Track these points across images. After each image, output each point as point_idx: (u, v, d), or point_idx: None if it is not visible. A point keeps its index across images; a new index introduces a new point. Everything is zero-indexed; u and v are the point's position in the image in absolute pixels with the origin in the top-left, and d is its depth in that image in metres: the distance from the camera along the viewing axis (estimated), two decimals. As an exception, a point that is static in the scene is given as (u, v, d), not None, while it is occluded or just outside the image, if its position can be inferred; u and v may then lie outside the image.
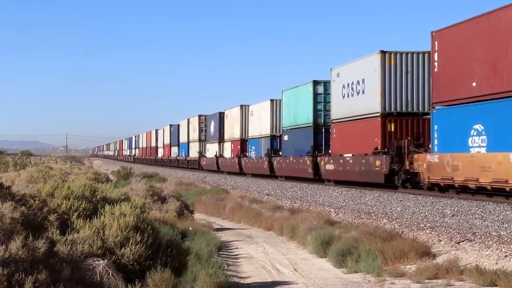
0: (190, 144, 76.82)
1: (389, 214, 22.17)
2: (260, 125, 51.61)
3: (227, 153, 60.67)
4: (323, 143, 39.30)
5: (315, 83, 40.16)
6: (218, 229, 23.41)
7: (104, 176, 40.04)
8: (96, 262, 9.55)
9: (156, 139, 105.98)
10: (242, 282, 13.72)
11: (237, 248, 19.19)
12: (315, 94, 40.00)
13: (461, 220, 19.06)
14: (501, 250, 14.15)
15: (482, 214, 19.73)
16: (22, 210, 9.31)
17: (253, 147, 53.63)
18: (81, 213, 11.01)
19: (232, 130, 59.25)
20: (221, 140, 63.76)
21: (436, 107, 26.41)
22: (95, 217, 10.72)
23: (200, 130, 72.02)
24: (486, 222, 18.17)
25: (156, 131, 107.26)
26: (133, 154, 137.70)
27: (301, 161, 40.75)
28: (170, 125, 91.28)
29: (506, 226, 17.21)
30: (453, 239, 16.18)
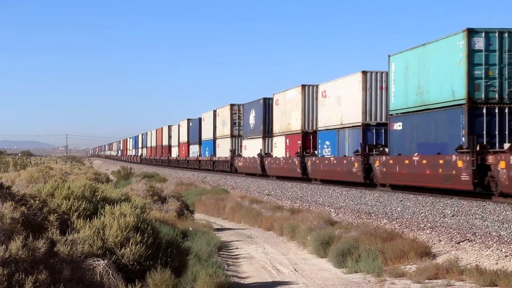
0: (217, 141, 63.51)
1: (389, 214, 22.17)
2: (340, 111, 36.42)
3: (279, 151, 46.27)
4: (494, 132, 24.67)
5: (471, 32, 24.91)
6: (218, 229, 23.41)
7: (104, 176, 40.02)
8: (96, 262, 9.55)
9: (169, 137, 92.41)
10: (242, 282, 13.72)
11: (237, 248, 19.20)
12: (471, 52, 24.84)
13: (461, 220, 19.06)
14: (501, 250, 14.14)
15: (482, 214, 19.74)
16: (22, 210, 9.31)
17: (327, 142, 38.63)
18: (81, 213, 11.01)
19: (287, 120, 44.46)
20: (267, 134, 49.78)
21: None
22: (95, 217, 10.72)
23: (233, 123, 58.52)
24: (486, 222, 18.17)
25: (169, 127, 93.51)
26: (139, 154, 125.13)
27: (443, 162, 25.67)
28: (188, 119, 78.75)
29: (506, 226, 17.21)
30: (453, 239, 16.17)
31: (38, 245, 8.35)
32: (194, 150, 74.69)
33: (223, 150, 60.81)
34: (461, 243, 15.59)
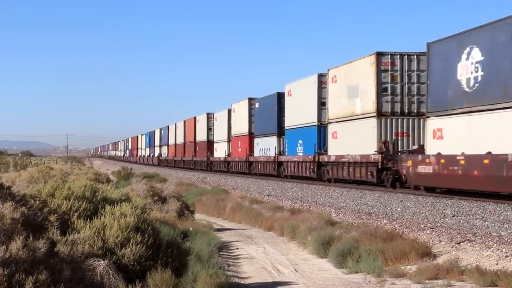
0: (330, 127, 37.29)
1: (390, 215, 22.17)
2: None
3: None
4: None
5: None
6: (218, 230, 23.42)
7: (104, 177, 40.04)
8: (97, 263, 9.55)
9: (209, 130, 69.71)
10: (242, 282, 13.72)
11: (237, 248, 19.20)
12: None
13: (461, 221, 19.06)
14: (502, 251, 14.14)
15: (483, 215, 19.74)
16: (22, 210, 9.31)
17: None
18: (81, 214, 11.01)
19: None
20: None
21: None
22: (96, 218, 10.72)
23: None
24: (486, 223, 18.17)
25: (209, 115, 70.47)
26: (156, 154, 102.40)
27: None
28: (250, 98, 54.45)
29: (507, 226, 17.21)
30: (453, 239, 16.17)
31: (39, 245, 8.35)
32: (266, 145, 49.44)
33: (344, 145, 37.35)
34: (461, 244, 15.59)
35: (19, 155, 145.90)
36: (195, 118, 76.71)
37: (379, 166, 30.88)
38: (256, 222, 24.91)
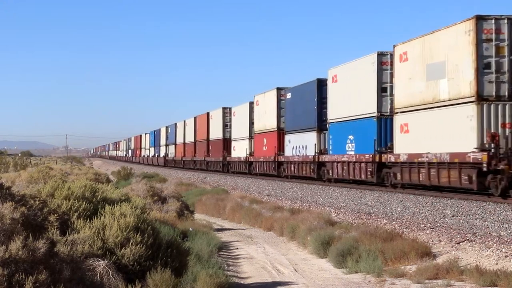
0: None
1: (389, 215, 22.17)
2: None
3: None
4: None
5: None
6: (218, 230, 23.42)
7: (104, 177, 40.05)
8: (97, 263, 9.55)
9: (225, 126, 61.43)
10: (242, 282, 13.73)
11: (237, 248, 19.20)
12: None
13: (461, 221, 19.06)
14: (501, 251, 14.15)
15: (483, 215, 19.74)
16: (22, 210, 9.31)
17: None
18: (81, 214, 11.02)
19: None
20: None
21: None
22: (96, 218, 10.72)
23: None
24: (486, 223, 18.17)
25: (225, 110, 61.83)
26: (162, 154, 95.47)
27: None
28: (278, 88, 47.59)
29: (506, 226, 17.21)
30: (453, 239, 16.18)
31: (38, 245, 8.35)
32: (300, 142, 42.40)
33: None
34: (461, 243, 15.60)
35: (19, 155, 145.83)
36: (208, 114, 68.05)
37: (484, 168, 23.03)
38: (256, 222, 24.92)
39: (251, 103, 53.29)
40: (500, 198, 22.59)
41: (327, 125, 37.76)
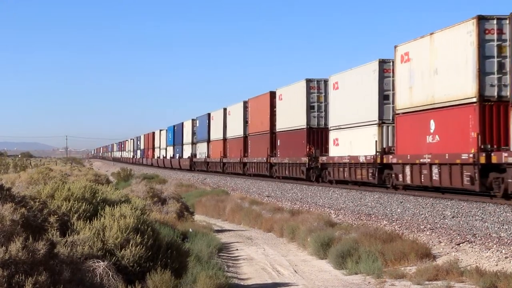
0: None
1: (389, 216, 22.17)
2: None
3: None
4: None
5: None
6: (218, 231, 23.41)
7: (104, 178, 40.04)
8: (96, 264, 9.55)
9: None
10: (242, 283, 13.73)
11: (237, 249, 19.19)
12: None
13: (461, 222, 19.06)
14: (501, 252, 14.15)
15: (482, 216, 19.74)
16: (22, 211, 9.30)
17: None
18: (81, 215, 11.01)
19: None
20: None
21: None
22: (95, 219, 10.72)
23: None
24: (486, 224, 18.17)
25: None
26: (187, 156, 76.10)
27: None
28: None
29: (506, 227, 17.21)
30: (453, 240, 16.18)
31: (38, 246, 8.35)
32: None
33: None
34: (461, 245, 15.59)
35: (19, 156, 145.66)
36: (271, 92, 48.64)
37: None
38: (256, 223, 24.92)
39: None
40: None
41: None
